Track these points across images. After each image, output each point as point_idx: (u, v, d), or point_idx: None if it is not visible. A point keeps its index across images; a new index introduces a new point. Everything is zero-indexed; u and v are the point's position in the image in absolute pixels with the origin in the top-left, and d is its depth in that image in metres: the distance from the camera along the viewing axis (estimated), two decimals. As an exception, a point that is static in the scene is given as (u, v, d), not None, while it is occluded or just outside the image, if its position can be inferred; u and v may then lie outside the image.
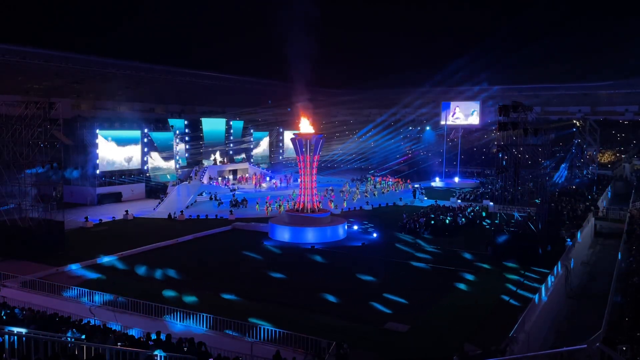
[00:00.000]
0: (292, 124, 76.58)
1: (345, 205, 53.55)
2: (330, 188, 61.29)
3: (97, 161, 56.97)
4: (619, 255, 29.99)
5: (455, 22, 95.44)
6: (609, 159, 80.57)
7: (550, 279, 25.66)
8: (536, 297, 22.55)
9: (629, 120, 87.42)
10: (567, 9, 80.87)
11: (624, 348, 10.45)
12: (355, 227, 42.89)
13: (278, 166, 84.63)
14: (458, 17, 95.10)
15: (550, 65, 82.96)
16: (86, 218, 44.17)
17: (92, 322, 20.11)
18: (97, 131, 57.29)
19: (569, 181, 62.14)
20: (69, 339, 13.88)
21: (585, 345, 8.37)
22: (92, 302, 23.94)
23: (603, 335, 15.36)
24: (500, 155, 34.60)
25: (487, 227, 42.70)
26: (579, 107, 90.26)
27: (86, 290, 24.73)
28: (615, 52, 75.90)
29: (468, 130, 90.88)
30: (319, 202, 43.81)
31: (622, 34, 73.16)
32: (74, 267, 30.95)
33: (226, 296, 26.35)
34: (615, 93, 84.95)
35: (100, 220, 45.55)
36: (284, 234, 39.88)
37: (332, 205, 51.80)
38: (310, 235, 39.36)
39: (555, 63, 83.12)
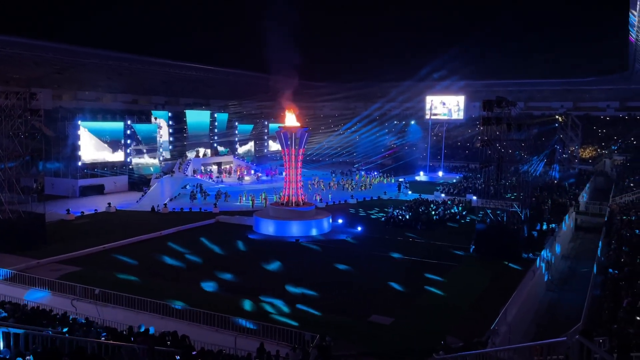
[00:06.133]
0: (277, 117, 76.34)
1: (330, 198, 53.67)
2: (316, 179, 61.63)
3: (79, 153, 56.23)
4: (599, 249, 30.49)
5: (440, 17, 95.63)
6: (590, 155, 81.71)
7: (531, 273, 26.01)
8: (517, 290, 22.84)
9: (610, 116, 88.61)
10: (551, 5, 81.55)
11: (601, 341, 10.62)
12: (340, 221, 42.92)
13: (263, 159, 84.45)
14: (443, 12, 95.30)
15: (534, 60, 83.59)
16: (68, 210, 43.62)
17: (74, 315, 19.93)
18: (79, 122, 56.51)
19: (545, 176, 62.61)
20: (50, 332, 13.73)
21: (565, 338, 8.49)
22: (74, 295, 23.70)
23: (582, 327, 15.62)
24: (484, 150, 34.86)
25: (472, 220, 43.06)
26: (562, 103, 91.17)
27: (67, 283, 24.47)
28: (597, 49, 76.69)
29: (452, 124, 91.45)
30: (304, 195, 43.86)
31: (604, 30, 73.95)
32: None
33: (210, 289, 26.32)
34: (597, 89, 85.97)
35: (82, 212, 45.03)
36: (268, 227, 39.82)
37: (318, 198, 51.97)
38: (295, 229, 39.36)
39: (539, 58, 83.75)
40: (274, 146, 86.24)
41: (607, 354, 6.76)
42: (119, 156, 60.77)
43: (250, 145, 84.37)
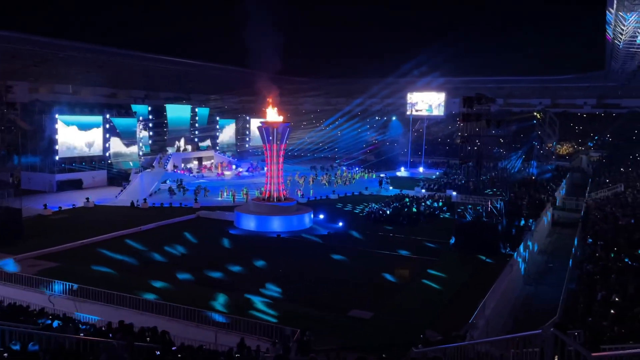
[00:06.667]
0: (258, 112, 75.99)
1: (311, 194, 53.70)
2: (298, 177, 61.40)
3: (57, 147, 55.33)
4: (575, 244, 31.06)
5: (420, 14, 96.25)
6: (567, 151, 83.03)
7: (509, 267, 26.39)
8: (495, 284, 23.17)
9: (587, 113, 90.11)
10: (530, 3, 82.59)
11: (576, 333, 10.87)
12: (321, 216, 42.98)
13: (245, 154, 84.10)
14: (423, 9, 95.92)
15: (513, 57, 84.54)
16: (45, 205, 42.94)
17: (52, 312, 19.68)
18: (57, 116, 55.60)
19: (523, 172, 63.45)
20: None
21: (541, 331, 8.67)
22: (51, 291, 23.40)
23: (558, 320, 15.95)
24: (464, 146, 35.22)
25: (452, 215, 43.51)
26: (540, 100, 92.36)
27: (45, 278, 24.15)
28: (575, 47, 77.98)
29: (433, 120, 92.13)
30: (286, 191, 43.86)
31: (582, 29, 75.08)
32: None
33: (190, 284, 26.20)
34: (574, 86, 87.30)
35: (60, 207, 44.37)
36: (249, 223, 39.73)
37: (300, 193, 51.97)
38: (276, 224, 39.32)
39: (518, 56, 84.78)
40: (255, 141, 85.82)
41: (580, 346, 6.94)
42: (97, 150, 59.90)
43: (229, 136, 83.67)
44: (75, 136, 57.57)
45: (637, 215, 31.65)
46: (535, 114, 74.76)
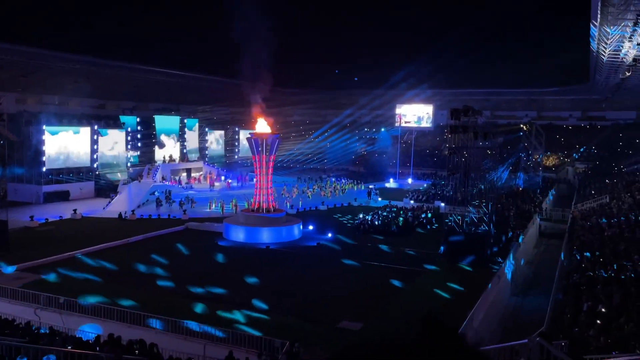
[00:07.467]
0: (248, 123, 76.05)
1: (300, 205, 53.70)
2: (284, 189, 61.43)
3: (44, 158, 54.94)
4: (562, 255, 31.36)
5: (407, 26, 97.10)
6: (553, 163, 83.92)
7: (496, 278, 26.59)
8: (483, 295, 23.32)
9: (572, 126, 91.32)
10: (517, 16, 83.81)
11: (563, 344, 11.01)
12: (311, 227, 43.00)
13: (233, 165, 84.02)
14: (410, 21, 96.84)
15: (499, 70, 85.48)
16: (31, 217, 42.54)
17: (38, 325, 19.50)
18: (44, 127, 55.26)
19: (510, 182, 63.87)
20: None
21: (527, 340, 8.81)
22: (38, 304, 23.15)
23: (544, 330, 16.10)
24: (452, 157, 35.53)
25: (440, 226, 43.75)
26: (526, 112, 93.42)
27: (30, 291, 23.88)
28: (561, 60, 79.03)
29: (421, 132, 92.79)
30: (275, 202, 43.85)
31: (568, 42, 76.27)
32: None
33: (178, 296, 26.04)
34: (560, 99, 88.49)
35: (47, 219, 43.97)
36: (238, 234, 39.64)
37: (289, 204, 51.97)
38: (266, 235, 39.29)
39: (504, 68, 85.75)
40: (244, 152, 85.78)
41: (565, 355, 7.07)
42: (85, 162, 59.59)
43: (215, 143, 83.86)
44: (62, 147, 57.20)
45: (623, 226, 32.08)
46: (521, 126, 75.56)
